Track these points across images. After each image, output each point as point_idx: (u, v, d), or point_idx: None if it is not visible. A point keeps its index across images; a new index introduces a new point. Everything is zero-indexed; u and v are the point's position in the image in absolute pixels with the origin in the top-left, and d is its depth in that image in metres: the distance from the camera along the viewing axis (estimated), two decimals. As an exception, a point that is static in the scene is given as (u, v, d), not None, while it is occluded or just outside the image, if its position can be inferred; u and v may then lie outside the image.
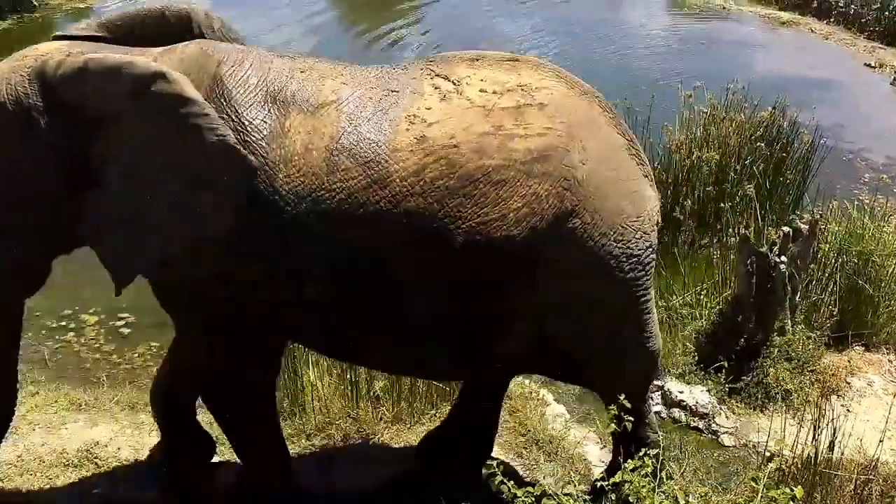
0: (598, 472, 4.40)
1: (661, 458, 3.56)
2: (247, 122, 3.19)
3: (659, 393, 5.18)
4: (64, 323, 5.73)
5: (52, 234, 3.35)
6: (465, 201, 3.22)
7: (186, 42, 3.42)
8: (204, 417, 4.13)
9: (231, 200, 3.17)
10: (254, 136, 3.19)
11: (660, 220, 3.78)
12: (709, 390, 5.20)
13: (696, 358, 5.41)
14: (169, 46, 3.40)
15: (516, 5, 13.87)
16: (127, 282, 3.33)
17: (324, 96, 3.30)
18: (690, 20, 13.43)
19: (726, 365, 5.27)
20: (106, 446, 4.50)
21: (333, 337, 3.61)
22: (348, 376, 4.81)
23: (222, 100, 3.21)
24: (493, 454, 4.37)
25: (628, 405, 3.23)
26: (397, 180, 3.19)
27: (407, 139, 3.23)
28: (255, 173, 3.17)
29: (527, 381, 5.14)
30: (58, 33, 3.61)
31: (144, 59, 3.22)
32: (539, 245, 3.35)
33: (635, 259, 3.57)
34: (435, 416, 4.80)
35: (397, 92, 3.36)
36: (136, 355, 5.46)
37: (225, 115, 3.18)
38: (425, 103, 3.33)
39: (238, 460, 4.03)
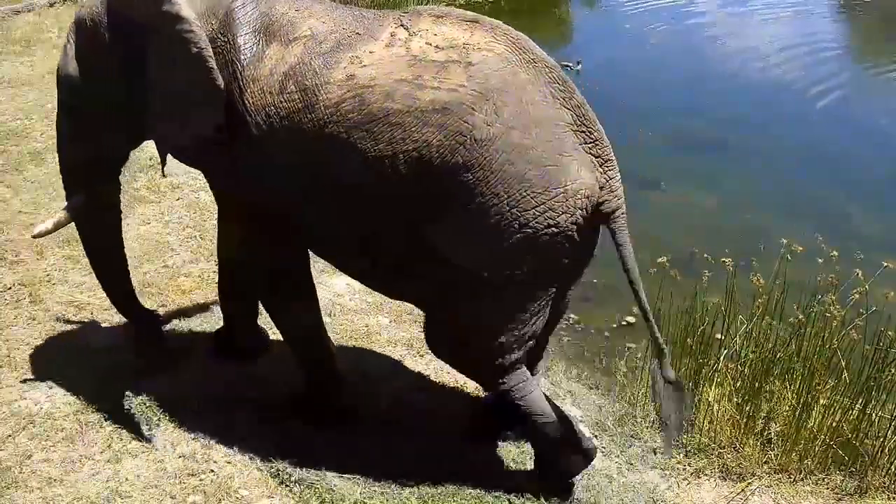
0: None
1: None
2: (238, 45, 3.86)
3: None
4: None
5: (123, 126, 4.21)
6: (366, 135, 3.64)
7: None
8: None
9: (205, 106, 3.83)
10: (238, 56, 3.86)
11: (611, 207, 3.70)
12: None
13: None
14: None
15: None
16: (162, 161, 4.24)
17: (300, 32, 3.85)
18: None
19: None
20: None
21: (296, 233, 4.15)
22: (747, 408, 4.72)
23: (227, 26, 3.87)
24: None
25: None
26: (322, 108, 3.70)
27: (340, 75, 3.71)
28: (222, 91, 3.81)
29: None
30: None
31: None
32: (427, 191, 3.64)
33: (528, 232, 3.61)
34: (822, 490, 4.54)
35: (360, 35, 3.80)
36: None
37: (224, 38, 3.86)
38: (371, 47, 3.74)
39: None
